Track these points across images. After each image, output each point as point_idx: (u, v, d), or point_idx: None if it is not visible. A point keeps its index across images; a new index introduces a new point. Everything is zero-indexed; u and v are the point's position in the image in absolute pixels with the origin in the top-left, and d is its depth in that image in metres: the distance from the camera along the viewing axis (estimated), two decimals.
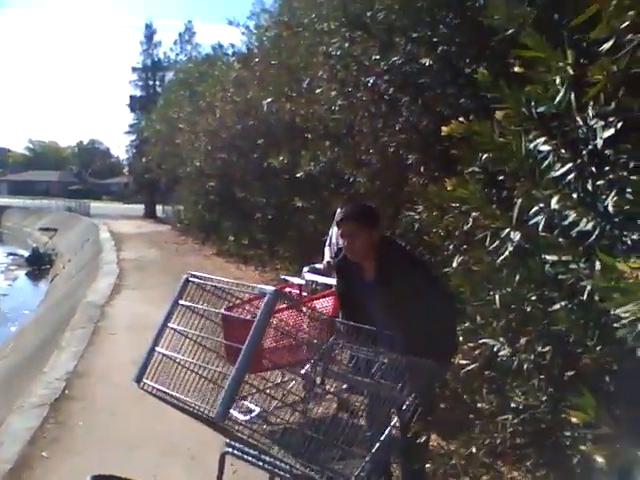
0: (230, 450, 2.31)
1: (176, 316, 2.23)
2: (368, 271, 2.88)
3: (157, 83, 35.50)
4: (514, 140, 2.61)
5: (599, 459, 1.92)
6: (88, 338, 6.42)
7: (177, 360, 2.16)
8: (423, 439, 2.67)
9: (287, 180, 8.21)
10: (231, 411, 3.09)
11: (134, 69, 36.06)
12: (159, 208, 31.83)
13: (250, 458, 2.25)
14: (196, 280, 2.28)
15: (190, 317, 2.24)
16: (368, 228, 2.84)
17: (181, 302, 2.26)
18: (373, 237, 2.83)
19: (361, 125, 5.34)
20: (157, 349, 2.20)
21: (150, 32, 35.64)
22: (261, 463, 2.25)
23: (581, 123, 2.61)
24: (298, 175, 6.72)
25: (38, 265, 22.28)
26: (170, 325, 2.23)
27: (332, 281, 4.40)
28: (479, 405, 3.20)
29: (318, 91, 5.73)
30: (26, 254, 23.89)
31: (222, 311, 2.64)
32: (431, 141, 4.95)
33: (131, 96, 36.05)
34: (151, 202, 32.81)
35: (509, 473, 2.88)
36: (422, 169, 4.99)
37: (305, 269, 4.73)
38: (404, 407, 2.48)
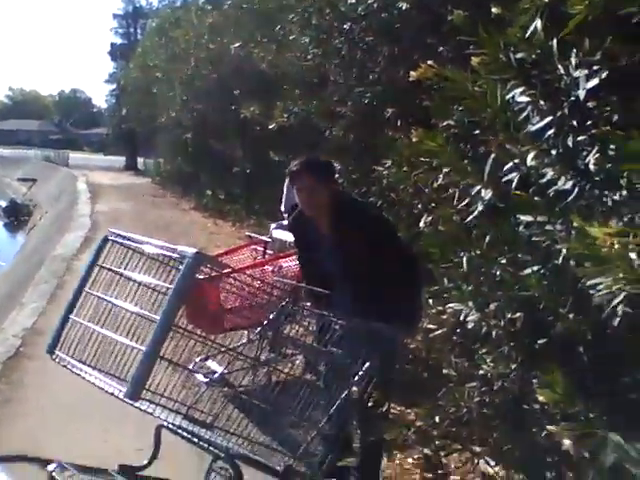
0: (165, 424, 2.13)
1: (94, 279, 2.01)
2: (323, 228, 2.69)
3: (138, 31, 34.48)
4: (490, 89, 2.37)
5: (566, 441, 1.76)
6: (51, 293, 6.19)
7: (93, 330, 1.94)
8: (383, 409, 2.52)
9: (261, 132, 7.90)
10: (194, 374, 2.92)
11: (115, 16, 35.08)
12: (140, 160, 31.25)
13: (185, 434, 2.07)
14: (118, 239, 2.04)
15: (111, 280, 2.01)
16: (326, 181, 2.64)
17: (100, 264, 2.03)
18: (330, 191, 2.63)
19: (335, 74, 5.05)
20: (72, 317, 2.00)
21: None
22: (196, 440, 2.07)
23: (563, 72, 2.38)
24: (271, 127, 6.43)
25: (16, 216, 21.84)
26: (87, 290, 2.01)
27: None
28: (445, 371, 3.04)
29: (290, 37, 5.40)
30: (4, 205, 23.40)
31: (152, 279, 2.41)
32: (408, 93, 4.69)
33: (112, 44, 35.14)
34: (132, 154, 32.18)
35: (473, 445, 2.74)
36: (399, 123, 4.75)
37: (272, 226, 4.51)
38: (359, 376, 2.31)
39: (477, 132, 3.06)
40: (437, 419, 2.79)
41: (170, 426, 2.09)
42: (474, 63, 2.40)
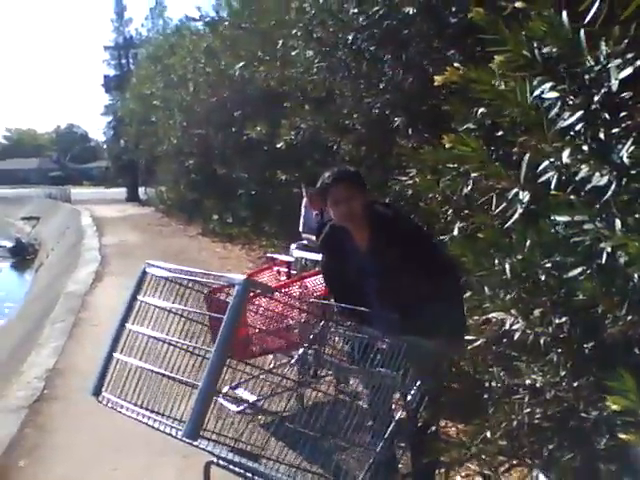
0: (215, 460, 2.02)
1: (135, 315, 1.92)
2: (361, 239, 2.57)
3: (130, 61, 34.63)
4: (517, 87, 2.28)
5: None
6: (68, 331, 6.09)
7: (140, 368, 1.84)
8: (433, 429, 2.40)
9: (267, 152, 7.83)
10: (222, 401, 2.83)
11: (106, 48, 35.20)
12: (142, 190, 31.27)
13: (237, 469, 1.97)
14: (156, 271, 1.95)
15: (152, 315, 1.92)
16: (360, 190, 2.55)
17: (140, 298, 1.94)
18: (365, 200, 2.55)
19: (342, 87, 4.97)
20: (115, 355, 1.90)
21: (120, 9, 34.70)
22: (250, 474, 1.96)
23: (592, 63, 2.30)
24: (278, 146, 6.35)
25: (22, 255, 21.83)
26: (129, 326, 1.91)
27: (320, 257, 4.10)
28: (489, 384, 2.92)
29: (294, 53, 5.34)
30: (9, 245, 23.40)
31: (196, 310, 2.33)
32: (417, 100, 4.62)
33: (105, 76, 35.26)
34: (133, 185, 32.21)
35: (528, 459, 2.61)
36: (410, 131, 4.67)
37: (293, 246, 4.42)
38: (409, 396, 2.20)
39: (501, 133, 2.99)
40: (488, 434, 2.68)
41: (220, 462, 1.99)
42: (497, 62, 2.32)
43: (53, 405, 4.30)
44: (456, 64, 2.32)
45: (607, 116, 2.27)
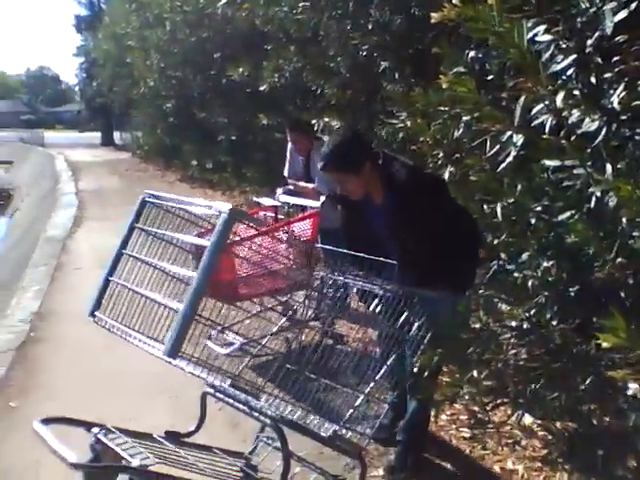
0: (212, 391, 2.09)
1: (133, 241, 1.98)
2: (376, 195, 2.53)
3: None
4: (515, 28, 2.24)
5: (633, 385, 1.72)
6: (51, 275, 6.06)
7: (134, 291, 1.90)
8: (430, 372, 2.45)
9: (249, 95, 7.68)
10: (209, 344, 2.86)
11: None
12: (117, 135, 30.59)
13: (232, 401, 2.02)
14: (154, 200, 1.98)
15: (150, 243, 1.98)
16: (352, 172, 2.45)
17: (138, 225, 1.98)
18: (365, 172, 2.45)
19: (327, 28, 4.86)
20: (112, 278, 1.95)
21: None
22: (247, 408, 2.01)
23: (587, 5, 2.27)
24: (261, 89, 6.22)
25: None
26: (126, 252, 1.97)
27: (308, 202, 4.09)
28: (475, 326, 2.99)
29: None
30: None
31: (190, 237, 2.35)
32: (405, 42, 4.54)
33: (76, 15, 33.98)
34: (108, 129, 31.50)
35: (518, 396, 2.70)
36: (396, 75, 4.60)
37: (279, 191, 4.38)
38: (416, 341, 2.25)
39: (491, 78, 2.97)
40: (475, 374, 2.74)
41: (216, 393, 2.04)
42: (491, 1, 2.28)
43: (40, 347, 4.31)
44: (455, 0, 2.27)
45: (600, 60, 2.27)
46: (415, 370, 2.33)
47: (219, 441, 2.19)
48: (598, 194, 2.17)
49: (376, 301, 2.26)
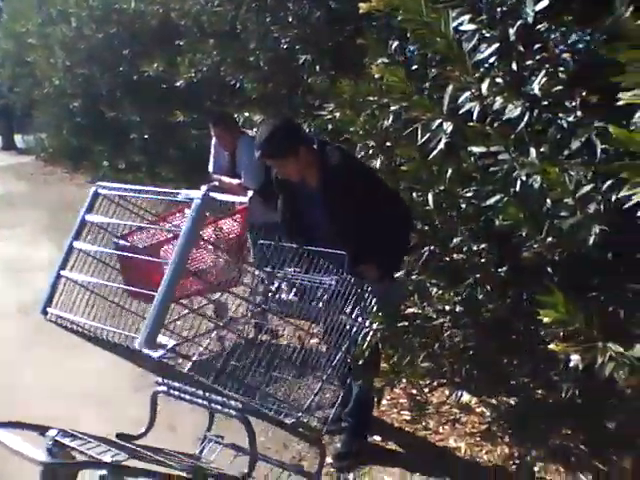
0: (164, 389, 2.01)
1: (85, 234, 1.89)
2: (311, 179, 2.60)
3: None
4: (442, 17, 2.29)
5: (574, 356, 1.80)
6: None
7: (87, 286, 1.85)
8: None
9: (164, 92, 7.46)
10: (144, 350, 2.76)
11: None
12: (18, 138, 29.01)
13: (187, 396, 1.96)
14: (105, 191, 1.90)
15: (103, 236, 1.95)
16: (291, 155, 2.54)
17: (88, 218, 1.88)
18: (301, 156, 2.54)
19: (246, 21, 4.80)
20: (63, 273, 1.85)
21: None
22: (200, 400, 1.96)
23: None
24: (178, 84, 6.07)
25: None
26: (77, 245, 1.87)
27: (234, 198, 4.01)
28: (410, 310, 3.05)
29: None
30: None
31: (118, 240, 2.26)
32: (325, 36, 4.55)
33: None
34: (8, 132, 29.80)
35: (454, 376, 2.77)
36: (317, 68, 4.62)
37: (203, 188, 4.28)
38: (354, 330, 2.26)
39: (415, 68, 3.03)
40: (412, 358, 2.79)
41: (169, 390, 1.98)
42: None
43: None
44: None
45: (522, 48, 2.36)
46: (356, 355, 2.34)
47: (161, 445, 2.12)
48: (523, 177, 2.25)
49: (320, 292, 2.25)
